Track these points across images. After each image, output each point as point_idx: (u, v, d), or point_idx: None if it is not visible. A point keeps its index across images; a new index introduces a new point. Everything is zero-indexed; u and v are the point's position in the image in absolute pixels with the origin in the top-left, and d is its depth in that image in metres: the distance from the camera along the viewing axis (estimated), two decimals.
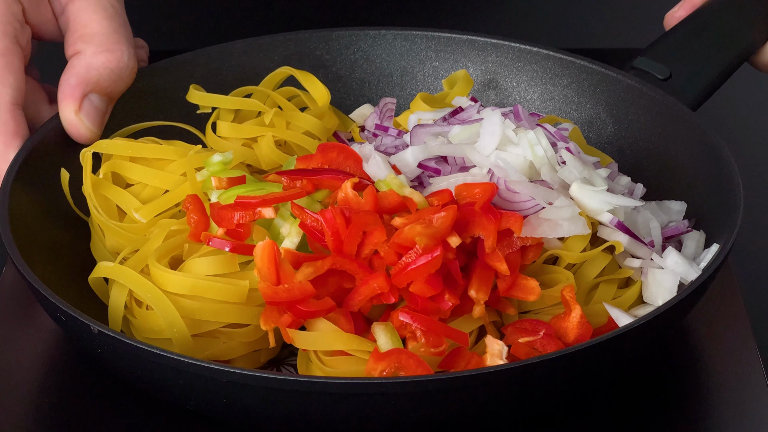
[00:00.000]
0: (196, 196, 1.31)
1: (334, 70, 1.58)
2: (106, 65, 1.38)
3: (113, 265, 1.27)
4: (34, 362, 1.32)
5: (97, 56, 1.38)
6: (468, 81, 1.54)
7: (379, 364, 1.17)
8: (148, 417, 1.26)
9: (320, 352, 1.21)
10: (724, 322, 1.37)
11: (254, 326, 1.25)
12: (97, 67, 1.38)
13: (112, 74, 1.39)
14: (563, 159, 1.34)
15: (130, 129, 1.45)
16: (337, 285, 1.24)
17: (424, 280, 1.20)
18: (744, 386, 1.29)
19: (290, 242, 1.27)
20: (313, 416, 1.16)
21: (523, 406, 1.19)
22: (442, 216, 1.23)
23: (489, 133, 1.35)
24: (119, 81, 1.40)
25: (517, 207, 1.29)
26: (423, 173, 1.36)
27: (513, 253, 1.26)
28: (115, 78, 1.39)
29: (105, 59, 1.38)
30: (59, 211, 1.37)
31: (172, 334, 1.23)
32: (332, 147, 1.34)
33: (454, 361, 1.20)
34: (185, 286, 1.24)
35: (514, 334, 1.24)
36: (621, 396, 1.28)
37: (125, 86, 1.42)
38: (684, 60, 1.51)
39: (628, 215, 1.34)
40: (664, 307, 1.20)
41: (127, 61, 1.40)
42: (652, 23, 1.67)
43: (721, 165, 1.37)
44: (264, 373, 1.13)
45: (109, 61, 1.38)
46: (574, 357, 1.14)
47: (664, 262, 1.31)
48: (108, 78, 1.39)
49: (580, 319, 1.23)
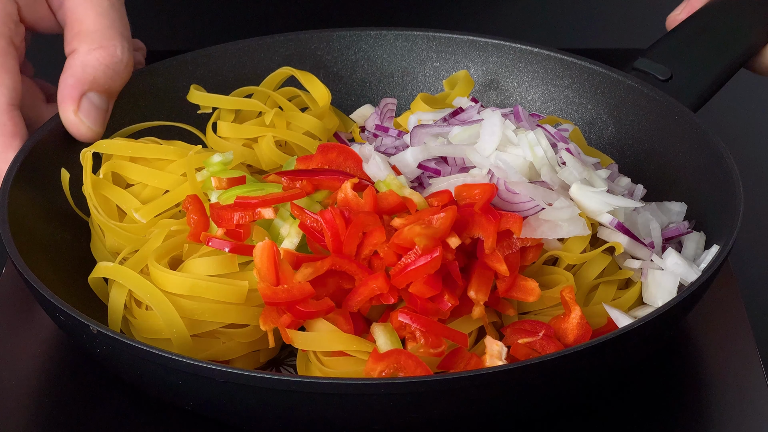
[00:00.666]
0: (196, 196, 1.31)
1: (334, 70, 1.58)
2: (101, 62, 1.38)
3: (113, 265, 1.27)
4: (34, 362, 1.32)
5: (91, 53, 1.38)
6: (469, 81, 1.54)
7: (379, 364, 1.16)
8: (148, 417, 1.26)
9: (319, 353, 1.21)
10: (724, 322, 1.37)
11: (254, 326, 1.25)
12: (92, 65, 1.38)
13: (107, 71, 1.38)
14: (563, 160, 1.34)
15: (130, 129, 1.45)
16: (336, 285, 1.24)
17: (423, 280, 1.20)
18: (744, 386, 1.29)
19: (290, 243, 1.27)
20: (312, 417, 1.16)
21: (522, 407, 1.19)
22: (442, 217, 1.23)
23: (489, 133, 1.35)
24: (116, 77, 1.40)
25: (517, 208, 1.29)
26: (423, 174, 1.36)
27: (512, 254, 1.26)
28: (111, 74, 1.39)
29: (99, 56, 1.38)
30: (59, 211, 1.37)
31: (172, 335, 1.23)
32: (332, 147, 1.34)
33: (454, 362, 1.20)
34: (185, 286, 1.24)
35: (513, 335, 1.24)
36: (621, 396, 1.27)
37: (122, 82, 1.41)
38: (685, 61, 1.51)
39: (628, 216, 1.34)
40: (664, 308, 1.20)
41: (120, 55, 1.39)
42: (653, 24, 1.68)
43: (721, 166, 1.36)
44: (262, 373, 1.13)
45: (104, 57, 1.38)
46: (573, 358, 1.14)
47: (664, 263, 1.31)
48: (104, 75, 1.39)
49: (580, 320, 1.23)
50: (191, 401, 1.21)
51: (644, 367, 1.30)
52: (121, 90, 1.43)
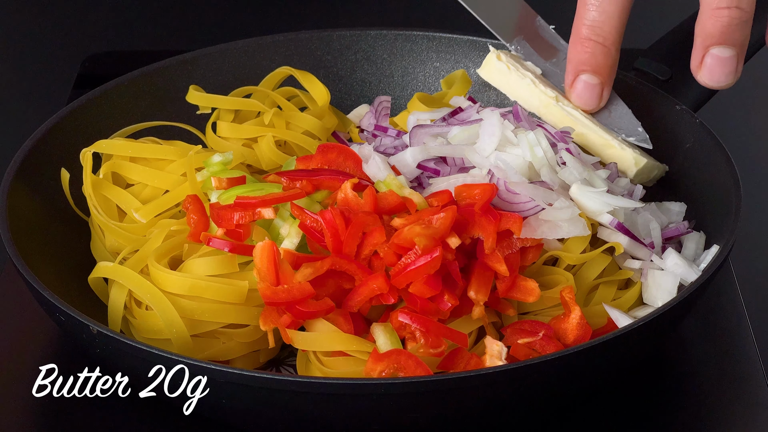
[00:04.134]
0: (196, 196, 1.31)
1: (334, 70, 1.58)
2: None
3: (113, 265, 1.27)
4: (34, 362, 1.32)
5: None
6: (466, 81, 1.54)
7: (378, 364, 1.16)
8: (148, 417, 1.26)
9: (319, 353, 1.21)
10: (724, 322, 1.37)
11: (253, 327, 1.25)
12: None
13: None
14: (563, 160, 1.34)
15: (130, 129, 1.45)
16: (336, 285, 1.24)
17: (423, 280, 1.20)
18: (744, 386, 1.29)
19: (290, 243, 1.27)
20: (312, 417, 1.16)
21: (522, 407, 1.19)
22: (442, 217, 1.23)
23: (488, 134, 1.35)
24: None
25: (517, 208, 1.29)
26: (422, 174, 1.36)
27: (512, 254, 1.26)
28: None
29: None
30: (59, 211, 1.37)
31: (171, 335, 1.23)
32: (332, 147, 1.34)
33: (454, 362, 1.20)
34: (184, 286, 1.24)
35: (513, 335, 1.24)
36: (620, 396, 1.27)
37: None
38: (685, 61, 1.50)
39: (627, 217, 1.34)
40: (663, 308, 1.19)
41: None
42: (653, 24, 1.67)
43: (721, 166, 1.36)
44: (263, 373, 1.13)
45: None
46: (572, 358, 1.14)
47: (664, 263, 1.31)
48: None
49: (580, 320, 1.23)
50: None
51: (644, 366, 1.30)
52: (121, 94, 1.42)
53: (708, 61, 1.29)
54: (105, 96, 1.47)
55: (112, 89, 1.48)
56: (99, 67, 1.75)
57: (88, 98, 1.46)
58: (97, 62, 1.77)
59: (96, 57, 1.78)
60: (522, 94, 1.41)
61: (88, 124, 1.44)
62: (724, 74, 1.30)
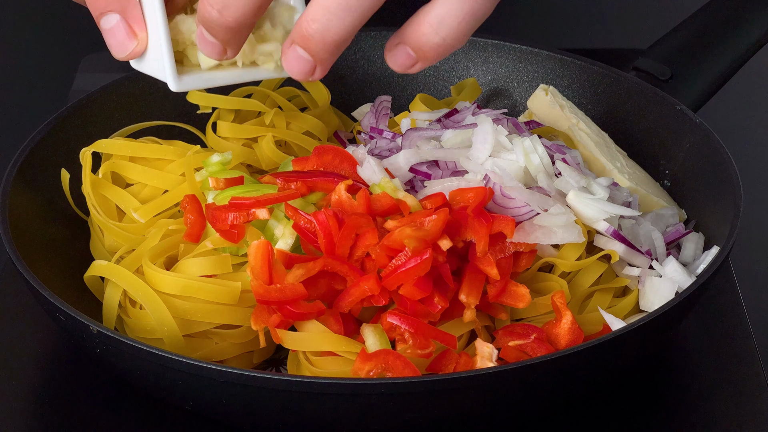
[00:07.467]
0: (194, 196, 1.31)
1: (335, 70, 1.58)
2: None
3: (107, 263, 1.28)
4: (33, 362, 1.32)
5: None
6: (476, 89, 1.54)
7: (366, 364, 1.16)
8: (148, 417, 1.26)
9: (309, 353, 1.21)
10: (723, 323, 1.36)
11: (246, 327, 1.26)
12: None
13: None
14: (560, 171, 1.34)
15: (130, 129, 1.45)
16: (328, 286, 1.24)
17: (413, 282, 1.20)
18: (744, 386, 1.29)
19: (284, 243, 1.27)
20: (312, 417, 1.16)
21: (511, 409, 1.19)
22: (433, 219, 1.22)
23: (481, 141, 1.34)
24: None
25: (512, 213, 1.28)
26: (414, 177, 1.36)
27: (505, 258, 1.25)
28: None
29: None
30: (59, 211, 1.38)
31: (163, 334, 1.23)
32: (328, 150, 1.34)
33: (443, 364, 1.20)
34: (177, 286, 1.24)
35: (504, 338, 1.23)
36: (619, 397, 1.27)
37: None
38: (685, 61, 1.51)
39: (628, 227, 1.33)
40: (657, 312, 1.19)
41: None
42: (653, 24, 1.67)
43: (721, 166, 1.36)
44: (263, 373, 1.13)
45: None
46: (562, 361, 1.14)
47: (663, 269, 1.30)
48: None
49: (571, 324, 1.22)
50: (191, 401, 1.21)
51: (643, 367, 1.30)
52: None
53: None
54: (105, 96, 1.47)
55: (112, 89, 1.48)
56: (99, 67, 1.75)
57: (88, 98, 1.46)
58: (97, 62, 1.77)
59: (96, 57, 1.78)
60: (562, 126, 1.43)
61: (88, 124, 1.45)
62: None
